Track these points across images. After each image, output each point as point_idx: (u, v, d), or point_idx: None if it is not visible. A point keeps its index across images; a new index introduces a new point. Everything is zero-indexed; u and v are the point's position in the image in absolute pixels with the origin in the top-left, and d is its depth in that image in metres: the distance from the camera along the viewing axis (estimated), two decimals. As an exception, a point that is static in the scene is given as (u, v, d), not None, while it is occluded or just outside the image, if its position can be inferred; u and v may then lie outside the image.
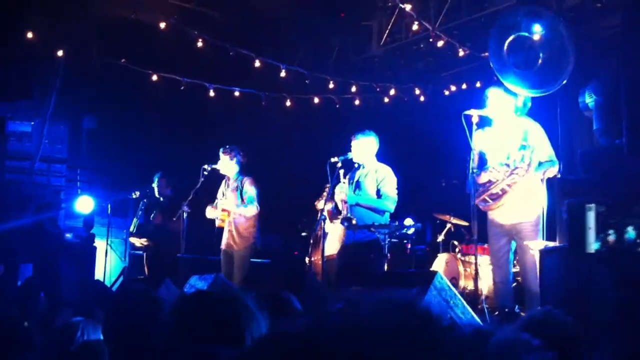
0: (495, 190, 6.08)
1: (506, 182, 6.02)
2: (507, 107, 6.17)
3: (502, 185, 6.04)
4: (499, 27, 6.59)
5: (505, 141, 6.19)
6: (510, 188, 6.01)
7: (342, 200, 6.86)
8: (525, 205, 6.02)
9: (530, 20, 6.41)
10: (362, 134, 6.91)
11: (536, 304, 5.53)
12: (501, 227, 6.13)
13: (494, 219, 6.17)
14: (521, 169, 5.97)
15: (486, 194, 6.12)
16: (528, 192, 6.03)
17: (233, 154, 8.01)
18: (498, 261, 6.25)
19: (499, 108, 6.16)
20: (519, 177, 5.97)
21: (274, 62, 9.28)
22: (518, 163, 6.02)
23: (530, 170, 5.97)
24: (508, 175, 6.04)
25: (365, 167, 6.91)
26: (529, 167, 5.96)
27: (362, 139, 6.89)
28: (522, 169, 5.97)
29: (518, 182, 6.00)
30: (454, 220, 8.44)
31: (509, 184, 6.01)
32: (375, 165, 6.92)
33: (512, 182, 6.01)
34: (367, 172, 6.88)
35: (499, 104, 6.15)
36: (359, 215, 6.69)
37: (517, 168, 5.99)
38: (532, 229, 5.98)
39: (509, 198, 6.05)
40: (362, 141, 6.89)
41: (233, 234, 7.89)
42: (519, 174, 5.97)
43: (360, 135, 6.89)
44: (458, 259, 8.08)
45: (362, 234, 6.62)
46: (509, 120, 6.23)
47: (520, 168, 5.98)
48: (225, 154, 8.01)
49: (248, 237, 7.87)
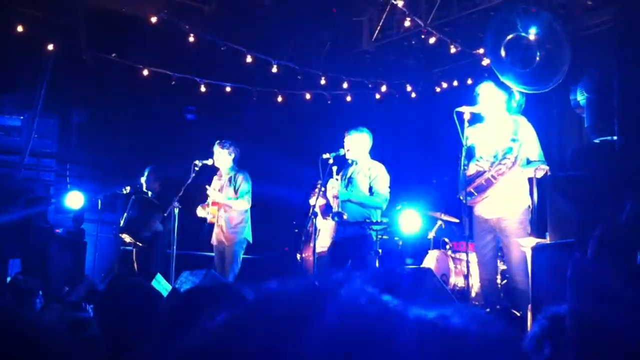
0: (481, 181, 6.07)
1: (491, 173, 6.00)
2: (498, 103, 6.17)
3: (487, 176, 6.02)
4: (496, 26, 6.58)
5: (495, 137, 6.19)
6: (495, 180, 5.98)
7: (334, 196, 6.85)
8: (509, 200, 6.01)
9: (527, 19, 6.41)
10: (355, 130, 6.90)
11: (526, 302, 5.53)
12: (486, 223, 6.12)
13: (479, 214, 6.17)
14: (508, 160, 5.95)
15: (472, 186, 6.11)
16: (513, 187, 6.02)
17: (231, 149, 8.01)
18: (483, 258, 6.26)
19: (490, 104, 6.16)
20: (506, 168, 5.95)
21: (265, 57, 9.26)
22: (505, 154, 6.01)
23: (517, 163, 5.95)
24: (495, 165, 6.02)
25: (359, 163, 6.91)
26: (516, 159, 5.95)
27: (355, 135, 6.89)
28: (510, 160, 5.95)
29: (504, 174, 5.97)
30: (445, 217, 8.44)
31: (494, 176, 5.99)
32: (369, 162, 6.92)
33: (498, 174, 5.97)
34: (360, 169, 6.88)
35: (490, 100, 6.15)
36: (350, 211, 6.69)
37: (505, 159, 5.98)
38: (517, 225, 5.96)
39: (494, 191, 6.02)
40: (355, 137, 6.88)
41: (223, 230, 7.88)
42: (506, 164, 5.95)
43: (354, 132, 6.89)
44: (449, 256, 8.09)
45: (353, 230, 6.62)
46: (500, 116, 6.23)
47: (507, 159, 5.96)
48: (221, 147, 8.00)
49: (238, 232, 7.86)
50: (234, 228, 7.87)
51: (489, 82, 6.23)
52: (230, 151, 8.01)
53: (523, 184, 6.07)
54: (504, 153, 6.01)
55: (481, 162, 6.09)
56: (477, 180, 6.09)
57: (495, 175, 5.99)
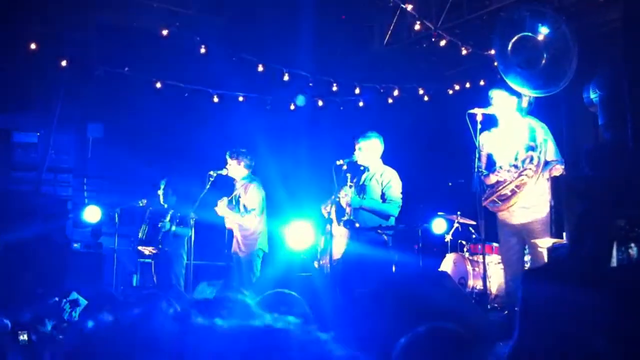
0: (505, 192, 6.05)
1: (515, 184, 5.99)
2: (511, 107, 6.15)
3: (511, 187, 6.01)
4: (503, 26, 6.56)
5: (511, 141, 6.17)
6: (519, 190, 5.98)
7: (347, 204, 6.85)
8: (534, 205, 6.00)
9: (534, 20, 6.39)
10: (363, 137, 6.90)
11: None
12: (512, 227, 6.11)
13: (504, 219, 6.14)
14: (530, 170, 5.94)
15: (495, 195, 6.09)
16: (537, 193, 6.00)
17: (240, 158, 7.99)
18: (509, 260, 6.23)
19: (503, 108, 6.14)
20: (528, 178, 5.94)
21: (276, 65, 9.28)
22: (527, 164, 5.99)
23: (539, 171, 5.94)
24: (517, 176, 6.01)
25: (371, 169, 6.90)
26: (537, 167, 5.93)
27: (364, 143, 6.89)
28: (531, 170, 5.94)
29: (527, 183, 5.96)
30: (461, 220, 8.40)
31: (518, 185, 5.98)
32: (381, 168, 6.90)
33: (522, 183, 5.98)
34: (372, 175, 6.87)
35: (503, 105, 6.13)
36: (363, 218, 6.69)
37: (526, 169, 5.96)
38: (542, 227, 5.97)
39: (518, 199, 6.01)
40: (364, 145, 6.88)
41: (238, 240, 7.88)
42: (527, 175, 5.94)
43: (362, 139, 6.89)
44: (466, 259, 8.05)
45: (366, 236, 6.61)
46: (514, 120, 6.21)
47: (529, 169, 5.95)
48: (232, 158, 7.99)
49: (252, 243, 7.83)
50: (248, 238, 7.85)
51: (500, 87, 6.21)
52: (240, 160, 7.99)
53: (545, 187, 6.05)
54: (523, 162, 5.99)
55: (502, 173, 6.08)
56: (501, 189, 6.07)
57: (520, 185, 5.98)
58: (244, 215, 7.76)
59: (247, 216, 7.76)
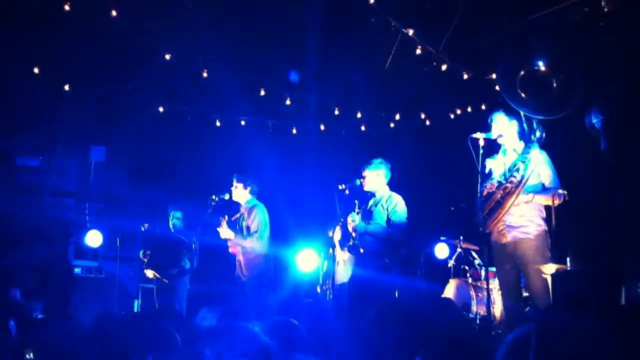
0: (491, 204, 6.00)
1: (500, 194, 5.93)
2: (511, 131, 6.14)
3: (496, 197, 5.95)
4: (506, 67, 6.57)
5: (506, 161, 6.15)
6: (504, 200, 5.89)
7: (353, 229, 6.85)
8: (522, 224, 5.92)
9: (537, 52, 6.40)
10: (369, 166, 6.94)
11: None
12: (503, 250, 6.03)
13: (496, 240, 6.09)
14: (514, 178, 5.88)
15: (485, 211, 6.04)
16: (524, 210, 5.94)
17: (247, 182, 7.99)
18: (506, 286, 6.17)
19: (504, 133, 6.13)
20: (513, 185, 5.86)
21: (278, 90, 9.32)
22: (513, 172, 5.94)
23: (523, 182, 5.86)
24: (502, 185, 5.96)
25: (377, 195, 6.92)
26: (522, 177, 5.87)
27: (369, 171, 6.93)
28: (516, 178, 5.88)
29: (512, 194, 5.88)
30: (464, 245, 8.38)
31: (503, 195, 5.91)
32: (387, 193, 6.92)
33: (506, 193, 5.89)
34: (378, 201, 6.89)
35: (503, 130, 6.13)
36: (368, 244, 6.68)
37: (511, 176, 5.91)
38: (535, 252, 5.84)
39: (505, 212, 5.93)
40: (370, 173, 6.92)
41: (241, 265, 7.84)
42: (512, 182, 5.87)
43: (368, 168, 6.93)
44: (469, 284, 8.01)
45: (371, 262, 6.60)
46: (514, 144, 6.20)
47: (513, 177, 5.89)
48: (239, 181, 7.99)
49: (254, 269, 7.78)
50: (250, 264, 7.80)
51: (500, 112, 6.20)
52: (247, 185, 7.99)
53: (536, 208, 6.00)
54: (510, 172, 5.96)
55: (490, 183, 6.04)
56: (489, 203, 6.03)
57: (504, 194, 5.91)
58: (246, 238, 7.75)
59: (250, 239, 7.74)
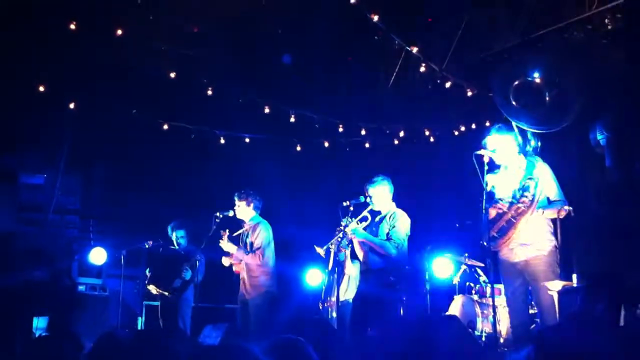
0: (502, 224, 5.98)
1: (511, 214, 5.92)
2: (509, 147, 6.14)
3: (507, 217, 5.93)
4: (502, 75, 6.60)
5: (512, 178, 6.14)
6: (516, 220, 5.88)
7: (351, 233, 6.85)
8: (534, 242, 5.91)
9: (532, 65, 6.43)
10: (371, 184, 6.95)
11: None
12: (513, 267, 6.01)
13: (506, 258, 6.06)
14: (526, 198, 5.86)
15: (494, 230, 6.02)
16: (536, 228, 5.92)
17: (249, 199, 7.99)
18: (513, 303, 6.14)
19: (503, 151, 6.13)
20: (524, 206, 5.84)
21: (282, 106, 9.33)
22: (523, 192, 5.92)
23: (535, 201, 5.85)
24: (514, 205, 5.93)
25: (383, 212, 6.93)
26: (534, 197, 5.85)
27: (372, 190, 6.93)
28: (527, 197, 5.85)
29: (524, 214, 5.87)
30: (469, 262, 8.34)
31: (514, 216, 5.89)
32: (392, 210, 6.91)
33: (517, 213, 5.88)
34: (383, 217, 6.89)
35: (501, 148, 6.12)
36: (373, 259, 6.66)
37: (522, 197, 5.89)
38: (545, 268, 5.85)
39: (517, 232, 5.92)
40: (373, 191, 6.92)
41: (245, 282, 7.81)
42: (524, 202, 5.85)
43: (370, 186, 6.94)
44: (475, 301, 7.97)
45: (376, 277, 6.57)
46: (514, 159, 6.19)
47: (525, 197, 5.87)
48: (241, 199, 7.98)
49: (259, 285, 7.75)
50: (255, 281, 7.77)
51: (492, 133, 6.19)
52: (250, 202, 7.98)
53: (546, 224, 5.98)
54: (521, 192, 5.94)
55: (499, 203, 6.02)
56: (499, 222, 6.01)
57: (515, 215, 5.90)
58: (248, 253, 7.73)
59: (252, 255, 7.72)
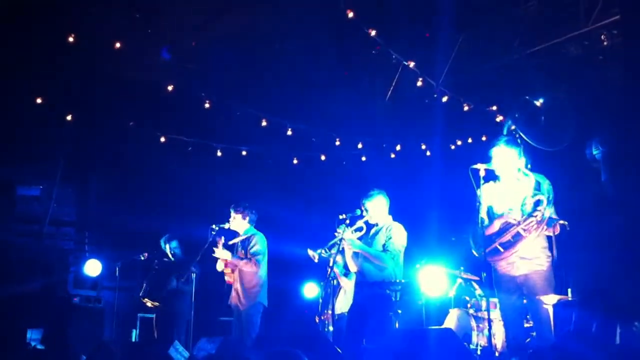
0: (508, 238, 5.95)
1: (522, 227, 5.89)
2: (512, 161, 6.14)
3: (517, 230, 5.90)
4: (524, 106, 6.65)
5: (514, 193, 6.12)
6: (524, 233, 5.87)
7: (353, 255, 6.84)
8: (535, 257, 5.91)
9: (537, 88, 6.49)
10: (367, 198, 6.93)
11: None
12: (512, 281, 6.01)
13: (506, 272, 6.04)
14: (539, 212, 5.83)
15: (497, 243, 5.99)
16: (538, 243, 5.93)
17: (245, 212, 7.99)
18: (510, 316, 6.13)
19: (505, 163, 6.13)
20: (536, 221, 5.83)
21: (280, 120, 9.36)
22: (535, 207, 5.90)
23: (546, 219, 5.85)
24: (525, 219, 5.91)
25: (380, 224, 6.92)
26: (543, 216, 5.85)
27: (368, 203, 6.92)
28: (540, 212, 5.83)
29: (535, 229, 5.85)
30: (465, 275, 8.34)
31: (525, 229, 5.87)
32: (389, 223, 6.91)
33: (527, 227, 5.86)
34: (380, 229, 6.88)
35: (504, 160, 6.12)
36: (368, 271, 6.66)
37: (536, 211, 5.87)
38: (544, 282, 5.86)
39: (523, 246, 5.90)
40: (369, 205, 6.91)
41: (238, 293, 7.80)
42: (536, 217, 5.84)
43: (366, 200, 6.92)
44: (470, 315, 7.97)
45: (371, 290, 6.56)
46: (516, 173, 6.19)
47: (538, 211, 5.85)
48: (237, 212, 7.98)
49: (252, 296, 7.75)
50: (249, 292, 7.77)
51: (499, 144, 6.19)
52: (245, 215, 7.99)
53: (544, 239, 5.99)
54: (533, 206, 5.92)
55: (512, 214, 5.98)
56: (505, 236, 5.98)
57: (525, 228, 5.87)
58: (244, 260, 7.74)
59: (247, 261, 7.72)
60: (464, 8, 8.23)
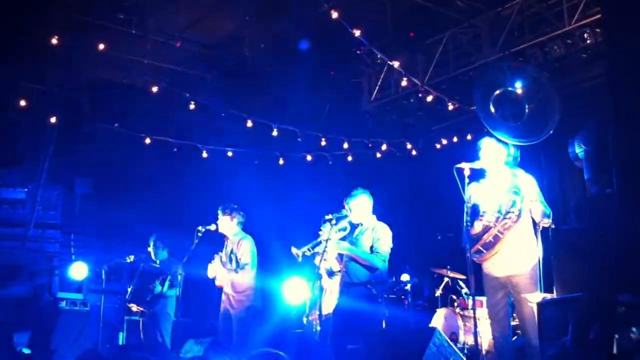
0: (489, 239, 5.98)
1: (498, 229, 5.92)
2: (499, 157, 6.15)
3: (494, 232, 5.94)
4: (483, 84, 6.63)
5: (497, 190, 6.14)
6: (503, 235, 5.89)
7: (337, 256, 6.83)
8: (519, 256, 5.92)
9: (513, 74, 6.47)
10: (350, 197, 6.91)
11: (537, 357, 5.46)
12: (496, 280, 6.03)
13: (490, 272, 6.07)
14: (513, 214, 5.87)
15: (480, 244, 6.03)
16: (522, 242, 5.93)
17: (233, 215, 7.95)
18: (496, 315, 6.15)
19: (492, 158, 6.14)
20: (511, 222, 5.87)
21: (265, 121, 9.35)
22: (509, 208, 5.94)
23: (522, 217, 5.88)
24: (500, 220, 5.95)
25: (364, 225, 6.90)
26: (520, 212, 5.87)
27: (352, 203, 6.89)
28: (514, 213, 5.87)
29: (511, 228, 5.88)
30: (451, 274, 8.36)
31: (501, 231, 5.90)
32: (373, 223, 6.89)
33: (505, 228, 5.89)
34: (364, 230, 6.86)
35: (491, 155, 6.13)
36: (354, 272, 6.65)
37: (509, 212, 5.91)
38: (529, 281, 5.87)
39: (503, 246, 5.92)
40: (353, 204, 6.88)
41: (231, 298, 7.77)
42: (511, 218, 5.87)
43: (350, 200, 6.90)
44: (457, 314, 7.99)
45: (358, 290, 6.56)
46: (500, 171, 6.21)
47: (512, 213, 5.89)
48: (225, 214, 7.94)
49: (244, 300, 7.73)
50: (240, 295, 7.74)
51: (490, 138, 6.21)
52: (233, 217, 7.95)
53: (531, 237, 6.00)
54: (507, 207, 5.95)
55: (486, 216, 6.01)
56: (485, 237, 6.00)
57: (502, 230, 5.90)
58: (237, 272, 7.70)
59: (241, 271, 7.69)
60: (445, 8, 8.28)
